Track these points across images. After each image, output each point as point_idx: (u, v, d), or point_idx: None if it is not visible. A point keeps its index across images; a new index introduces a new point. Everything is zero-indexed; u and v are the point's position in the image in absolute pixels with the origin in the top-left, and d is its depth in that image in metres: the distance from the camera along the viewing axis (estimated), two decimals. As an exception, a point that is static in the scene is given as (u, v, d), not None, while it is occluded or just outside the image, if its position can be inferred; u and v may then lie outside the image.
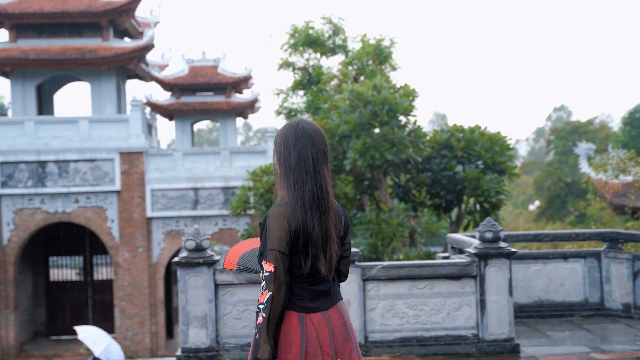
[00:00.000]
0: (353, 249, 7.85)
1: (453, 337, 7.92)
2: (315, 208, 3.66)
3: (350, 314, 7.69)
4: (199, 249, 7.21)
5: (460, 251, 9.37)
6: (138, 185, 24.03)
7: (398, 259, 17.45)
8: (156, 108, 26.89)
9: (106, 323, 26.81)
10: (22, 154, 23.78)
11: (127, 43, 25.92)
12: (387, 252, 16.52)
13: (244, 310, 7.32)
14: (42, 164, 23.90)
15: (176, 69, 27.49)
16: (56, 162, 23.94)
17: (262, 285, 3.62)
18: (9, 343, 23.93)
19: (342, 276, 3.94)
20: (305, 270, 3.65)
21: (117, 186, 23.99)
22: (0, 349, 23.77)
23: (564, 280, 9.94)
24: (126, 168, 24.02)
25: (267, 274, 3.58)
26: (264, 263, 3.62)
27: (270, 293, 3.57)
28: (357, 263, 7.85)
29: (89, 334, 15.27)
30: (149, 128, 27.31)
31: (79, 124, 24.48)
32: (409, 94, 15.41)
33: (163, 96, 27.47)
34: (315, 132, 3.77)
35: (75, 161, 23.98)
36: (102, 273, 27.98)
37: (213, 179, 24.30)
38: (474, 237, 9.23)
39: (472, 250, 7.98)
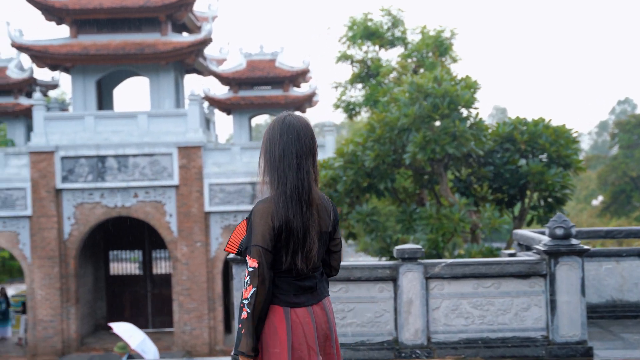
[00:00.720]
0: (415, 246, 7.54)
1: (521, 339, 7.53)
2: (295, 203, 3.69)
3: (412, 313, 7.37)
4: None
5: (528, 248, 8.95)
6: (196, 180, 24.01)
7: (459, 255, 17.04)
8: (214, 102, 26.85)
9: (165, 317, 26.95)
10: (83, 148, 23.96)
11: (185, 37, 25.92)
12: (448, 248, 16.15)
13: (302, 309, 7.07)
14: (102, 158, 24.05)
15: (234, 63, 27.41)
16: (115, 156, 24.06)
17: (245, 280, 3.67)
18: (70, 336, 24.17)
19: (333, 270, 3.97)
20: (284, 266, 3.70)
21: (175, 181, 24.01)
22: (62, 341, 24.02)
23: (638, 279, 9.44)
24: (184, 162, 24.03)
25: (251, 269, 3.65)
26: (248, 258, 3.67)
27: (254, 288, 3.64)
28: (419, 260, 7.51)
29: (124, 329, 15.23)
30: (207, 122, 27.29)
31: (137, 118, 24.57)
32: (471, 86, 15.01)
33: (221, 90, 27.41)
34: (302, 127, 3.79)
35: (134, 156, 24.07)
36: (161, 267, 28.11)
37: (271, 173, 24.09)
38: (542, 233, 8.81)
39: (541, 248, 7.58)
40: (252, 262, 3.66)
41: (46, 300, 23.93)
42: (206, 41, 25.40)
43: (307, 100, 27.11)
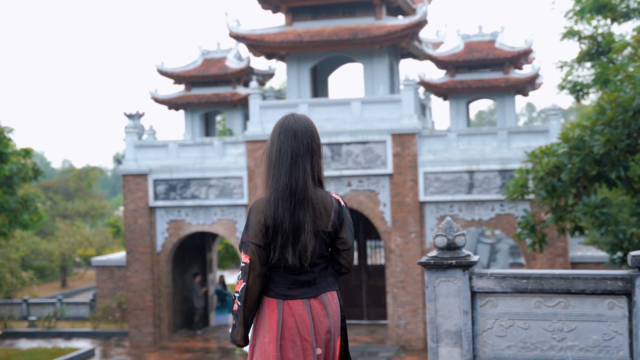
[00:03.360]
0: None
1: None
2: (286, 201, 3.83)
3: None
4: (451, 247, 5.78)
5: None
6: (410, 168, 23.04)
7: None
8: (430, 87, 25.69)
9: (379, 309, 26.30)
10: (296, 137, 23.73)
11: (400, 20, 24.97)
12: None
13: (509, 326, 5.78)
14: (316, 146, 23.67)
15: (451, 46, 26.09)
16: (329, 144, 23.63)
17: (238, 275, 3.90)
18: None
19: (343, 268, 4.03)
20: (272, 261, 3.84)
21: (389, 169, 23.18)
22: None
23: None
24: (398, 150, 23.13)
25: (243, 265, 3.87)
26: (241, 254, 3.91)
27: (244, 283, 3.85)
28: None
29: None
30: (423, 108, 26.23)
31: (351, 105, 23.99)
32: None
33: (437, 75, 26.23)
34: (301, 126, 3.98)
35: (347, 144, 23.51)
36: (375, 258, 27.49)
37: (489, 161, 22.63)
38: None
39: None
40: (244, 258, 3.87)
41: (262, 288, 24.01)
42: (421, 23, 24.32)
43: (530, 83, 25.22)
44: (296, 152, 3.92)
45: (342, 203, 4.05)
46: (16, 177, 21.31)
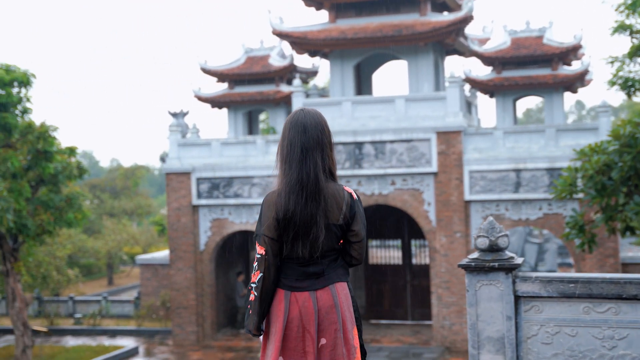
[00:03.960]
0: None
1: None
2: (299, 194, 3.88)
3: None
4: (493, 248, 5.46)
5: None
6: (455, 167, 22.63)
7: None
8: (475, 84, 25.22)
9: (424, 309, 25.92)
10: (340, 135, 23.47)
11: (445, 16, 24.54)
12: None
13: (556, 333, 5.45)
14: (359, 145, 23.43)
15: (497, 42, 25.57)
16: (372, 142, 23.33)
17: (254, 265, 3.98)
18: (327, 325, 23.86)
19: (354, 260, 4.09)
20: (285, 253, 3.94)
21: (433, 167, 22.80)
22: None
23: None
24: (443, 148, 22.73)
25: (259, 256, 3.95)
26: (256, 246, 3.96)
27: (261, 274, 3.93)
28: None
29: None
30: (468, 106, 25.77)
31: (395, 103, 23.67)
32: None
33: (483, 71, 25.75)
34: (310, 121, 4.01)
35: (391, 142, 23.18)
36: (420, 257, 27.11)
37: (536, 159, 22.12)
38: None
39: None
40: (260, 250, 3.94)
41: (304, 287, 23.81)
42: (467, 19, 23.86)
43: (579, 79, 24.60)
44: (306, 146, 3.95)
45: (355, 196, 4.07)
46: (61, 175, 21.36)
